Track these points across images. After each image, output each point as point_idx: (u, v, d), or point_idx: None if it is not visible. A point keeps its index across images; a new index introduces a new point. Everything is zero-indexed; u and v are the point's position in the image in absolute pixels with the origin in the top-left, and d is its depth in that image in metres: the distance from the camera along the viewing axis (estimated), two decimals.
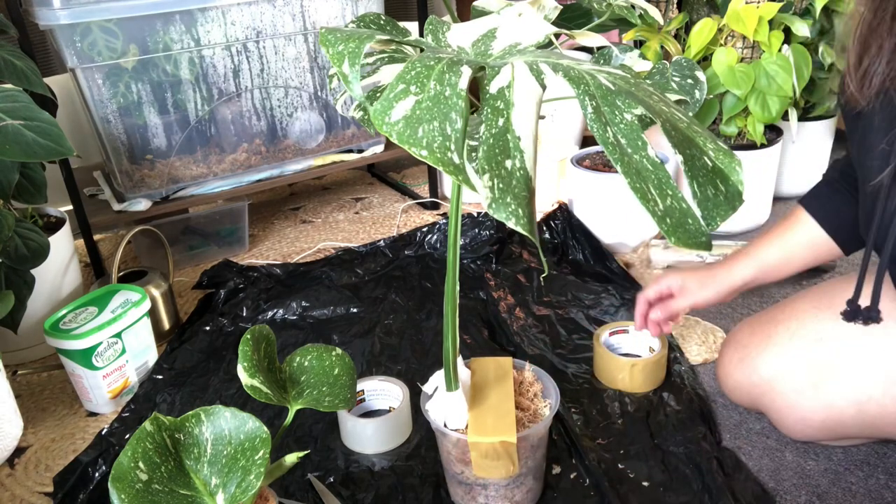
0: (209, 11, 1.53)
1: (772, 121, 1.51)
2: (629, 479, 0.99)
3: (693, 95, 1.44)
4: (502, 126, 0.58)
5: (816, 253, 1.02)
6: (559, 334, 1.33)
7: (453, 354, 0.85)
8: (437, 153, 0.53)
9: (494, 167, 0.55)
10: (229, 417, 0.75)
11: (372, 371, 1.26)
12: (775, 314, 1.05)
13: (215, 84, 1.61)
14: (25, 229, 1.22)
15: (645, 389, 1.16)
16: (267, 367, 0.88)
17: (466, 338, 1.32)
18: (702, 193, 0.62)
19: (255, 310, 1.46)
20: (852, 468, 0.99)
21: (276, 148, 1.75)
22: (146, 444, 0.72)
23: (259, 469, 0.73)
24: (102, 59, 1.46)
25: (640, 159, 0.60)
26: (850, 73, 0.82)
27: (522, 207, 0.55)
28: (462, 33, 0.75)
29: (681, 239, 0.59)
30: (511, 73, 0.61)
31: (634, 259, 1.59)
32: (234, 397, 1.21)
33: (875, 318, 0.85)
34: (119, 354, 1.22)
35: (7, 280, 1.18)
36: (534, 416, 0.91)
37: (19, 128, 1.09)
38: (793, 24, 1.50)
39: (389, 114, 0.55)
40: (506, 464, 0.87)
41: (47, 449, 1.15)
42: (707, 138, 0.65)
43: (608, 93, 0.62)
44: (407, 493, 0.99)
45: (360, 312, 1.44)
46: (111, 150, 1.56)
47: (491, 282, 1.51)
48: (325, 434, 1.12)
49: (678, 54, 1.55)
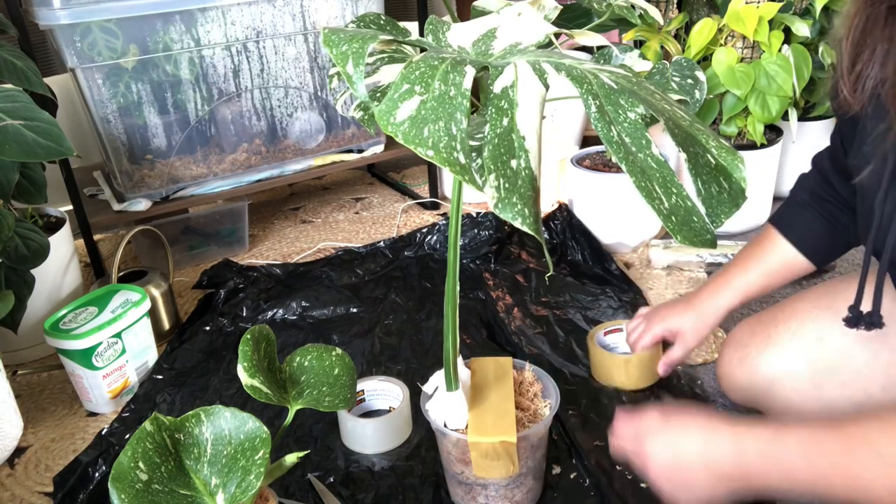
0: (209, 11, 1.53)
1: (772, 121, 1.52)
2: (629, 480, 0.99)
3: (693, 95, 1.44)
4: (507, 126, 0.58)
5: (793, 272, 1.03)
6: (557, 335, 1.33)
7: (453, 354, 0.85)
8: (443, 153, 0.53)
9: (500, 167, 0.55)
10: (229, 417, 0.75)
11: (372, 371, 1.26)
12: (775, 314, 1.05)
13: (215, 84, 1.61)
14: (25, 229, 1.22)
15: (642, 385, 1.15)
16: (267, 367, 0.88)
17: (466, 338, 1.32)
18: (706, 191, 0.62)
19: (255, 310, 1.45)
20: None
21: (276, 148, 1.75)
22: (146, 444, 0.72)
23: (259, 469, 0.73)
24: (102, 59, 1.46)
25: (645, 158, 0.60)
26: (844, 77, 0.82)
27: (528, 207, 0.55)
28: (462, 33, 0.75)
29: (686, 237, 0.59)
30: (514, 72, 0.61)
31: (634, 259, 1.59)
32: (234, 397, 1.21)
33: (877, 323, 0.85)
34: (119, 354, 1.22)
35: (7, 280, 1.17)
36: (534, 416, 0.91)
37: (19, 128, 1.09)
38: (793, 24, 1.51)
39: (395, 114, 0.55)
40: (506, 464, 0.87)
41: (47, 449, 1.15)
42: (709, 136, 0.65)
43: (611, 92, 0.62)
44: (407, 493, 0.99)
45: (360, 312, 1.44)
46: (111, 150, 1.56)
47: (490, 282, 1.51)
48: (325, 434, 1.12)
49: (678, 54, 1.56)
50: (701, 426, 0.75)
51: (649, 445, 0.77)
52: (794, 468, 0.67)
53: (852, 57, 0.80)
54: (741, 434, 0.72)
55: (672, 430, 0.76)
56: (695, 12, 1.67)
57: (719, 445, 0.73)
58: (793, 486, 0.69)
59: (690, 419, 0.77)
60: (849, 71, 0.81)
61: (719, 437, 0.73)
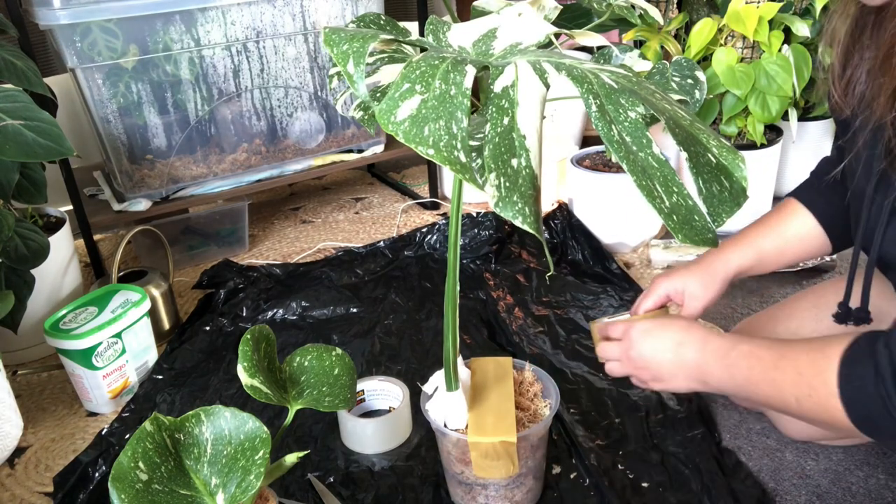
0: (209, 11, 1.53)
1: (772, 121, 1.52)
2: (629, 480, 0.99)
3: (693, 95, 1.44)
4: (507, 125, 0.58)
5: (808, 246, 1.00)
6: (558, 334, 1.33)
7: (453, 354, 0.85)
8: (443, 152, 0.53)
9: (501, 166, 0.55)
10: (229, 417, 0.75)
11: (372, 371, 1.26)
12: (775, 313, 1.05)
13: (215, 84, 1.61)
14: (25, 229, 1.22)
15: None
16: (267, 367, 0.88)
17: (466, 338, 1.32)
18: (707, 190, 0.62)
19: (255, 310, 1.45)
20: (852, 468, 0.99)
21: (276, 148, 1.75)
22: (146, 444, 0.72)
23: (259, 469, 0.73)
24: (102, 59, 1.46)
25: (646, 157, 0.60)
26: (835, 82, 0.83)
27: (529, 206, 0.55)
28: (463, 33, 0.75)
29: (688, 236, 0.59)
30: (515, 72, 0.61)
31: (634, 259, 1.59)
32: (234, 397, 1.21)
33: (865, 318, 0.86)
34: (119, 354, 1.22)
35: (7, 280, 1.17)
36: (534, 416, 0.91)
37: (19, 128, 1.09)
38: (793, 24, 1.51)
39: (395, 113, 0.55)
40: (506, 464, 0.87)
41: (47, 449, 1.15)
42: (710, 135, 0.65)
43: (612, 91, 0.62)
44: (407, 493, 0.99)
45: (359, 312, 1.44)
46: (111, 150, 1.56)
47: (490, 282, 1.51)
48: (325, 434, 1.12)
49: (678, 54, 1.56)
50: (679, 328, 0.88)
51: (638, 344, 0.90)
52: (737, 374, 0.81)
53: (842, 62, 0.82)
54: (707, 341, 0.85)
55: (656, 331, 0.90)
56: (695, 12, 1.67)
57: (689, 348, 0.86)
58: (735, 390, 0.84)
59: (672, 323, 0.90)
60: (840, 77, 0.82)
61: (691, 339, 0.86)
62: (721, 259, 1.02)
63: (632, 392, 1.16)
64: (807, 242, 1.00)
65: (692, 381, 0.86)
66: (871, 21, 0.78)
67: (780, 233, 1.01)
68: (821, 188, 1.01)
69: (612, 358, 0.95)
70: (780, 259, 1.02)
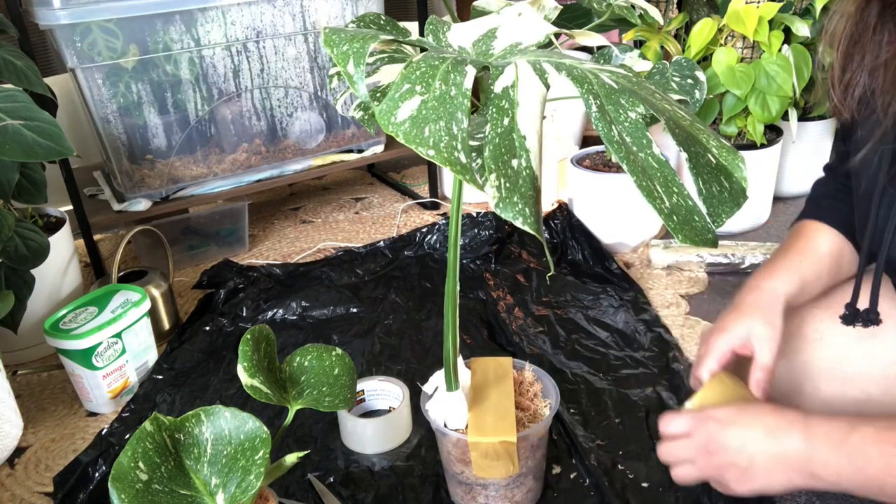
0: (209, 11, 1.53)
1: (772, 121, 1.52)
2: (629, 480, 0.99)
3: (693, 95, 1.44)
4: (507, 125, 0.58)
5: (840, 263, 0.92)
6: (558, 334, 1.33)
7: (453, 354, 0.85)
8: (444, 153, 0.53)
9: (501, 166, 0.55)
10: (229, 417, 0.75)
11: (372, 371, 1.26)
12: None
13: (215, 84, 1.61)
14: (25, 229, 1.22)
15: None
16: (267, 367, 0.88)
17: (466, 338, 1.32)
18: (707, 190, 0.62)
19: (255, 310, 1.45)
20: None
21: (276, 148, 1.75)
22: (146, 444, 0.72)
23: (259, 469, 0.73)
24: (102, 59, 1.46)
25: (646, 157, 0.60)
26: (834, 85, 0.83)
27: (529, 206, 0.55)
28: (463, 33, 0.75)
29: (688, 236, 0.59)
30: (515, 72, 0.61)
31: (634, 259, 1.59)
32: (234, 397, 1.21)
33: (874, 320, 0.85)
34: (119, 354, 1.22)
35: (7, 280, 1.17)
36: (534, 416, 0.91)
37: (19, 128, 1.09)
38: (793, 24, 1.51)
39: (395, 113, 0.55)
40: (506, 464, 0.87)
41: (47, 449, 1.15)
42: (710, 136, 0.65)
43: (612, 91, 0.62)
44: (407, 493, 0.99)
45: (359, 312, 1.44)
46: (111, 150, 1.55)
47: (490, 282, 1.51)
48: (325, 434, 1.12)
49: (678, 54, 1.56)
50: (770, 411, 0.73)
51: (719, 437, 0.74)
52: (867, 465, 0.66)
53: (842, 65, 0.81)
54: (811, 425, 0.70)
55: (740, 418, 0.74)
56: (695, 12, 1.67)
57: (789, 435, 0.70)
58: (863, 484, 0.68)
59: (758, 406, 0.75)
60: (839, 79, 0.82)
61: (789, 424, 0.71)
62: (768, 290, 0.88)
63: (632, 392, 1.16)
64: (838, 260, 0.91)
65: (796, 476, 0.70)
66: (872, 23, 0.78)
67: (812, 249, 0.91)
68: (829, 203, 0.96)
69: (682, 459, 0.77)
70: (818, 283, 0.91)
